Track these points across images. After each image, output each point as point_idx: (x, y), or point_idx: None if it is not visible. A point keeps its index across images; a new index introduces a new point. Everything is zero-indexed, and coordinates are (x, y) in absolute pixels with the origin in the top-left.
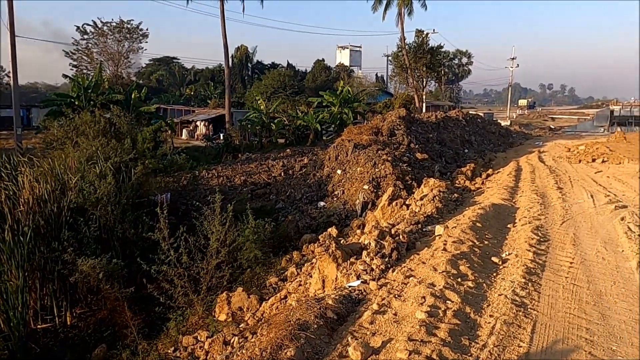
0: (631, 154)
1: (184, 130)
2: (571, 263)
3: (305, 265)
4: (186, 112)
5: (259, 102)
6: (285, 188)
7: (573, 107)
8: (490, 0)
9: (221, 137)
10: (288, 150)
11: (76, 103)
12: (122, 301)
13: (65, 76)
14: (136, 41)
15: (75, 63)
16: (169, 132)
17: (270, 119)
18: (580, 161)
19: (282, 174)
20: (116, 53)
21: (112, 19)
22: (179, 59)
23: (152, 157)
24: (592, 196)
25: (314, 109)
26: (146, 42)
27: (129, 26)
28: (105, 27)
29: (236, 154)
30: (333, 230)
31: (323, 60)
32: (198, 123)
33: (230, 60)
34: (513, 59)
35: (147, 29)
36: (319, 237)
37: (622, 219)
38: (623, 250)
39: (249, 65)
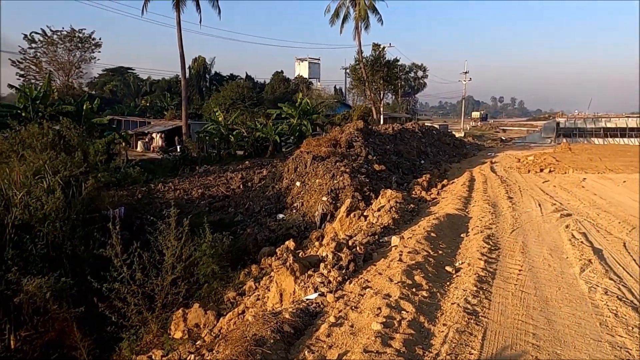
0: (575, 163)
1: (139, 143)
2: (520, 270)
3: (264, 278)
4: (141, 123)
5: (217, 113)
6: (244, 200)
7: (522, 119)
8: (444, 17)
9: (178, 149)
10: (247, 162)
11: (23, 114)
12: (71, 322)
13: (11, 86)
14: (88, 51)
15: (22, 72)
16: (123, 144)
17: (229, 131)
18: (529, 171)
19: (241, 187)
20: (67, 63)
21: (63, 28)
22: (134, 70)
23: (105, 170)
24: (539, 205)
25: (273, 120)
26: (99, 51)
27: (80, 35)
28: (55, 36)
29: (194, 167)
30: (291, 243)
31: (282, 72)
32: (154, 135)
33: (187, 71)
34: (466, 72)
35: (100, 39)
36: (277, 250)
37: (567, 226)
38: (567, 257)
39: (207, 76)
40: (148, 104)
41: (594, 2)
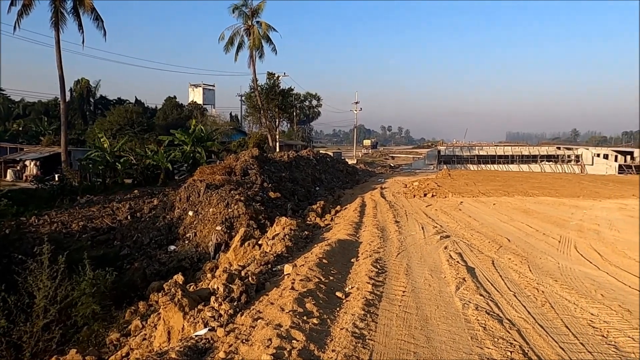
0: (454, 188)
1: (9, 171)
2: (404, 292)
3: (152, 316)
4: (12, 150)
5: (102, 139)
6: (131, 232)
7: (409, 147)
8: (335, 51)
9: (56, 178)
10: (136, 191)
11: None
12: None
13: None
14: None
15: None
16: None
17: (116, 158)
18: (414, 196)
19: (129, 217)
20: None
21: None
22: (4, 90)
23: None
24: (423, 228)
25: (165, 147)
26: None
27: None
28: None
29: (74, 197)
30: (179, 277)
31: (175, 97)
32: (27, 162)
33: (68, 93)
34: (357, 102)
35: None
36: (164, 285)
37: (445, 247)
38: (445, 276)
39: (91, 99)
40: (21, 129)
41: (464, 42)
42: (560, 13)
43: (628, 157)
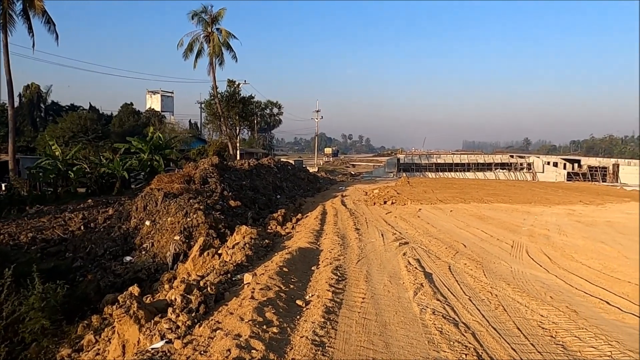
0: (413, 195)
1: None
2: (363, 298)
3: (105, 330)
4: None
5: (53, 147)
6: (85, 243)
7: (369, 155)
8: (296, 59)
9: (3, 188)
10: (90, 200)
11: None
12: None
13: None
14: None
15: None
16: None
17: (68, 166)
18: (374, 203)
19: (82, 228)
20: None
21: None
22: None
23: None
24: (382, 235)
25: (121, 155)
26: None
27: None
28: None
29: (23, 207)
30: (135, 289)
31: (132, 104)
32: None
33: (17, 99)
34: (317, 111)
35: None
36: (119, 297)
37: (404, 254)
38: (403, 282)
39: (42, 105)
40: None
41: (421, 59)
42: (508, 29)
43: (575, 164)
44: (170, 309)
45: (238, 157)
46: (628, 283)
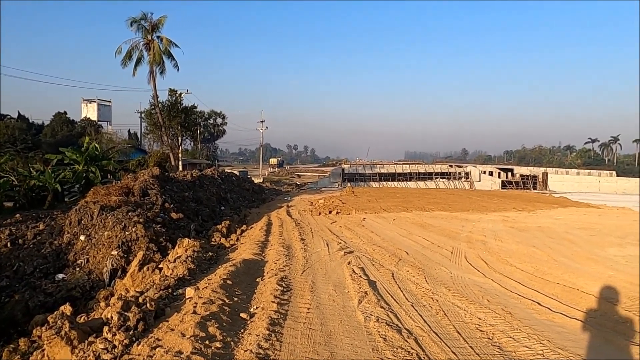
0: (357, 205)
1: None
2: (308, 309)
3: (34, 353)
4: None
5: None
6: (11, 261)
7: (315, 165)
8: (242, 69)
9: None
10: (18, 215)
11: None
12: None
13: None
14: None
15: None
16: None
17: None
18: (320, 213)
19: (9, 245)
20: None
21: None
22: None
23: None
24: (327, 245)
25: (53, 167)
26: None
27: None
28: None
29: None
30: (67, 308)
31: (65, 113)
32: None
33: None
34: (262, 121)
35: None
36: (49, 318)
37: (349, 263)
38: (348, 291)
39: None
40: None
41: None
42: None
43: (509, 173)
44: (106, 328)
45: (180, 168)
46: (557, 284)
